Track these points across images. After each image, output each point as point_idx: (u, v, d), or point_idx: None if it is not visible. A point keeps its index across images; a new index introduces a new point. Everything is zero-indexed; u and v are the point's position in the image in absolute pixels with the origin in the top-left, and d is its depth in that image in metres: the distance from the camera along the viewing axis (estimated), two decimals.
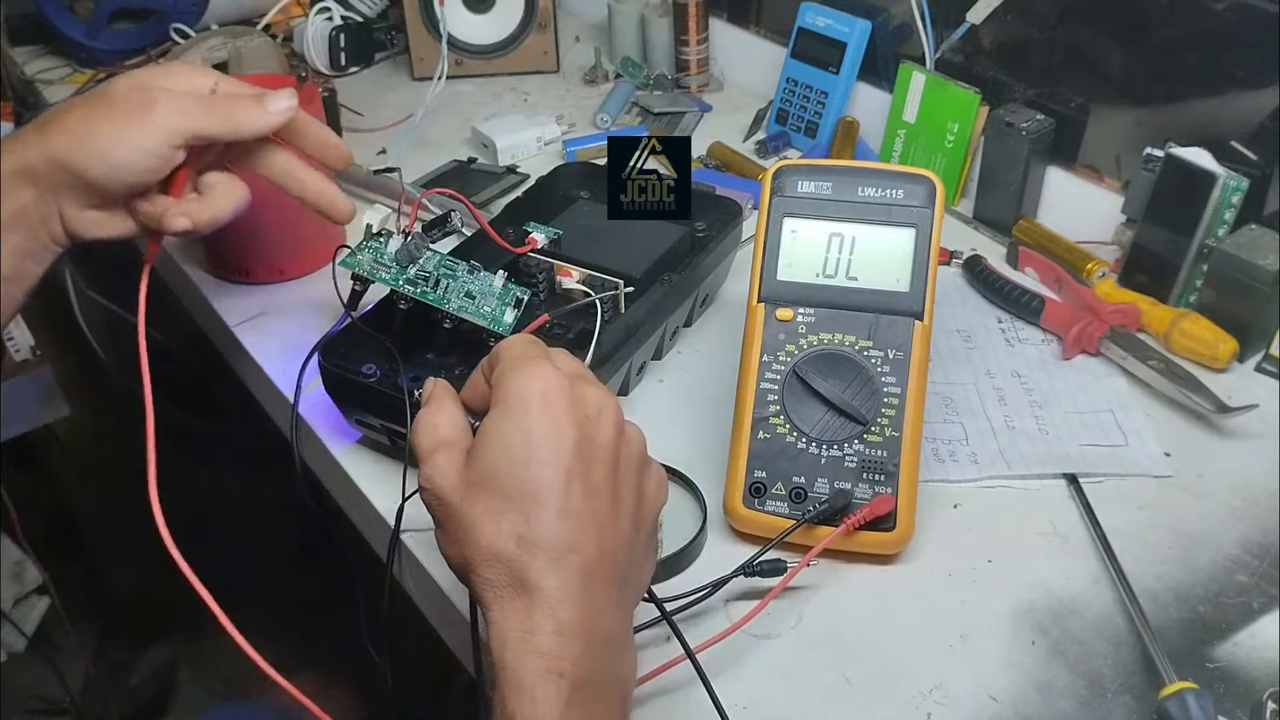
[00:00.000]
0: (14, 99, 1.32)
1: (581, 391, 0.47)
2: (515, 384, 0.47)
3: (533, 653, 0.43)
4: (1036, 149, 0.92)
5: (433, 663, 0.96)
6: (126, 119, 0.60)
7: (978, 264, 0.90)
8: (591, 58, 1.30)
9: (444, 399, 0.51)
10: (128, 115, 0.60)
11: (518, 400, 0.46)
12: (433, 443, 0.48)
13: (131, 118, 0.60)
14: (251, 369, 0.85)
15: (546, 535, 0.44)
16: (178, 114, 0.61)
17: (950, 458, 0.72)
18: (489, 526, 0.45)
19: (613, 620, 0.46)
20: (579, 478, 0.45)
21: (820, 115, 1.10)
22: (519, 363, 0.48)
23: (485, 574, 0.45)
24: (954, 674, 0.58)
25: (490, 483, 0.45)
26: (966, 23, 0.98)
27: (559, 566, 0.44)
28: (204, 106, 0.62)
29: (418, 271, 0.70)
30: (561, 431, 0.46)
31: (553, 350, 0.50)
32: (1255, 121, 0.81)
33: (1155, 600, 0.62)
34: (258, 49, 1.16)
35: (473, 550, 0.45)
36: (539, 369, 0.47)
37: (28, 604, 1.48)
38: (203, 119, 0.61)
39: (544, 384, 0.46)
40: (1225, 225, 0.80)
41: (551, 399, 0.46)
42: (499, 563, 0.44)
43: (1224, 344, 0.79)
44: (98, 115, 0.60)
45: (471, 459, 0.46)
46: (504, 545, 0.44)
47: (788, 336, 0.66)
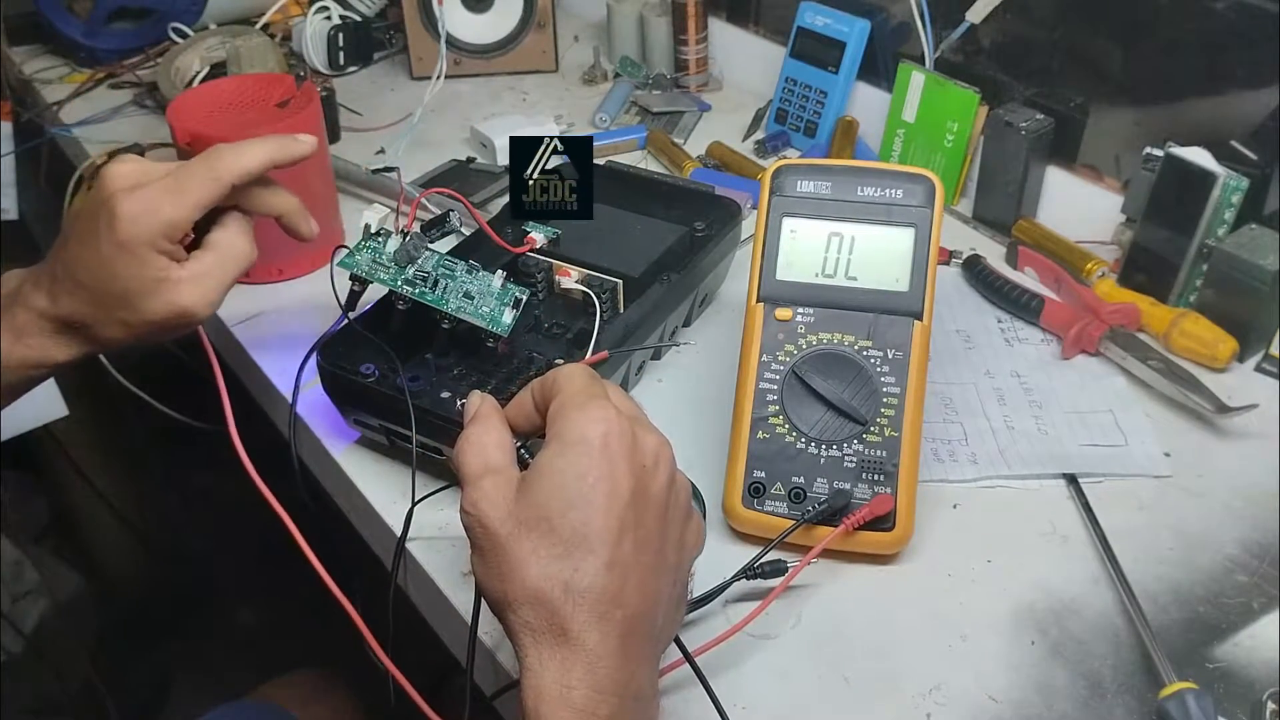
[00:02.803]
0: (12, 98, 1.32)
1: (641, 438, 0.47)
2: (576, 422, 0.46)
3: (567, 707, 0.42)
4: (1036, 148, 0.92)
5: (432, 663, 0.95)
6: (127, 277, 0.61)
7: (977, 264, 0.90)
8: (590, 57, 1.30)
9: (492, 418, 0.50)
10: (127, 274, 0.61)
11: (578, 440, 0.45)
12: (480, 466, 0.47)
13: (128, 270, 0.61)
14: (250, 369, 0.85)
15: (594, 586, 0.44)
16: (150, 226, 0.61)
17: (950, 458, 0.72)
18: (535, 568, 0.44)
19: (644, 675, 0.46)
20: (631, 529, 0.45)
21: (819, 115, 1.10)
22: (580, 400, 0.47)
23: (525, 615, 0.44)
24: (953, 674, 0.58)
25: (542, 523, 0.44)
26: (966, 22, 0.98)
27: (602, 621, 0.44)
28: (164, 197, 0.61)
29: (416, 271, 0.70)
30: (619, 480, 0.45)
31: (607, 383, 0.49)
32: (1255, 121, 0.81)
33: (1155, 600, 0.62)
34: (256, 48, 1.16)
35: (515, 588, 0.44)
36: (601, 410, 0.46)
37: (25, 605, 1.48)
38: (172, 209, 0.61)
39: (606, 427, 0.46)
40: (1225, 225, 0.80)
41: (612, 444, 0.45)
42: (541, 607, 0.44)
43: (1224, 344, 0.79)
44: (100, 279, 0.61)
45: (523, 493, 0.46)
46: (549, 590, 0.44)
47: (787, 336, 0.66)
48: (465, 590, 0.64)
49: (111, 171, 0.62)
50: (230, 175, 0.63)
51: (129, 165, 0.63)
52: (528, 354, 0.73)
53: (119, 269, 0.61)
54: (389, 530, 0.69)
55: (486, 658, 0.61)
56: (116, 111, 1.23)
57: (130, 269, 0.61)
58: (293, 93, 0.92)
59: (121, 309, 0.62)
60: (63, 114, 1.23)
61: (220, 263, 0.64)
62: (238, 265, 0.65)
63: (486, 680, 0.63)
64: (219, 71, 1.16)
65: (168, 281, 0.62)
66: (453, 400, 0.68)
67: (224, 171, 0.63)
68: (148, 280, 0.61)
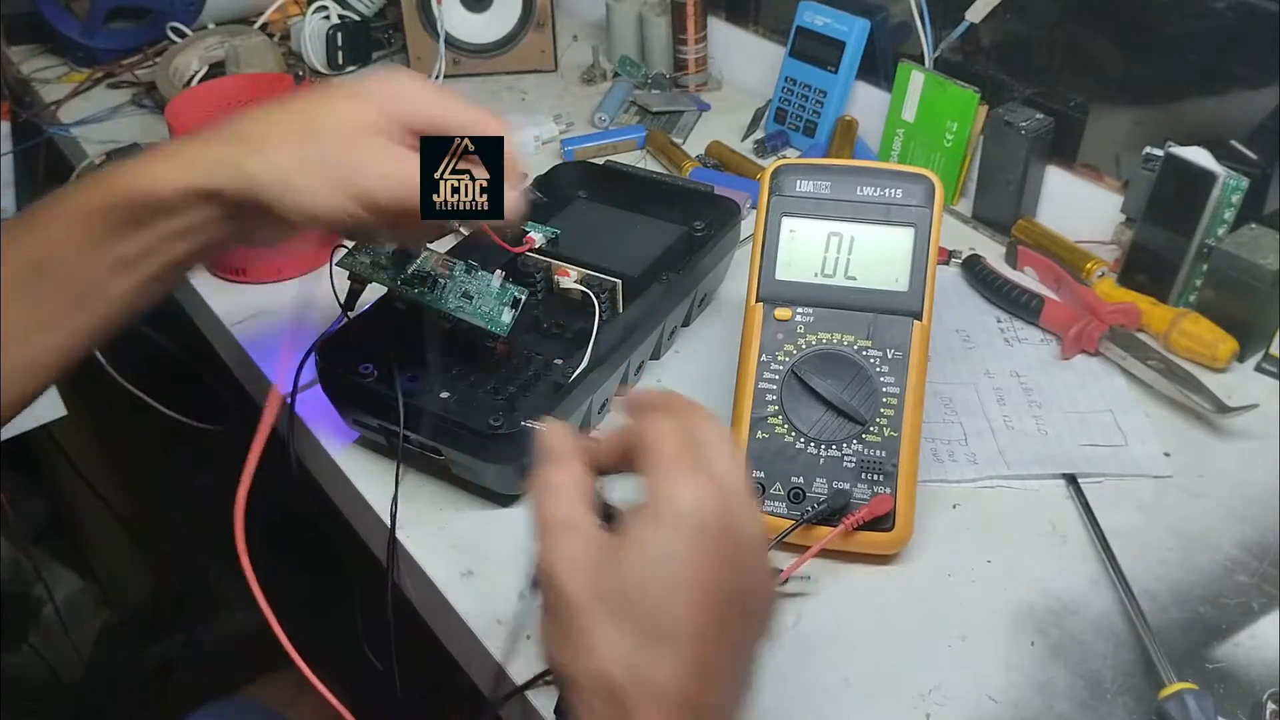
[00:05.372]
0: (10, 98, 1.32)
1: (740, 520, 0.42)
2: (675, 496, 0.41)
3: None
4: (1036, 148, 0.92)
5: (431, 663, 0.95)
6: (331, 176, 0.54)
7: (977, 263, 0.89)
8: (589, 57, 1.30)
9: (572, 460, 0.45)
10: (333, 173, 0.54)
11: (674, 518, 0.41)
12: (559, 517, 0.43)
13: (337, 177, 0.54)
14: (248, 368, 0.85)
15: (668, 685, 0.40)
16: (385, 191, 0.55)
17: (949, 458, 0.72)
18: (608, 649, 0.40)
19: None
20: (717, 627, 0.41)
21: (819, 114, 1.10)
22: (681, 468, 0.42)
23: (588, 699, 0.40)
24: (953, 674, 0.58)
25: (623, 604, 0.40)
26: (966, 21, 0.97)
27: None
28: (415, 186, 0.55)
29: (415, 271, 0.70)
30: (714, 569, 0.41)
31: (710, 443, 0.44)
32: (1255, 121, 0.81)
33: (1155, 601, 0.62)
34: (254, 48, 1.16)
35: (584, 669, 0.41)
36: (704, 486, 0.42)
37: (25, 604, 1.48)
38: (411, 196, 0.55)
39: (706, 506, 0.41)
40: (1225, 225, 0.80)
41: (711, 528, 0.41)
42: (611, 698, 0.40)
43: (1224, 344, 0.78)
44: (303, 157, 0.54)
45: (607, 562, 0.41)
46: (620, 679, 0.40)
47: (786, 336, 0.66)
48: (464, 590, 0.64)
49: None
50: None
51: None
52: (527, 354, 0.72)
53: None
54: (387, 530, 0.69)
55: (488, 659, 0.61)
56: (115, 111, 1.23)
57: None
58: (291, 92, 0.92)
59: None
60: (61, 113, 1.23)
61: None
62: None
63: (487, 682, 0.63)
64: (218, 71, 1.16)
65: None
66: (451, 400, 0.68)
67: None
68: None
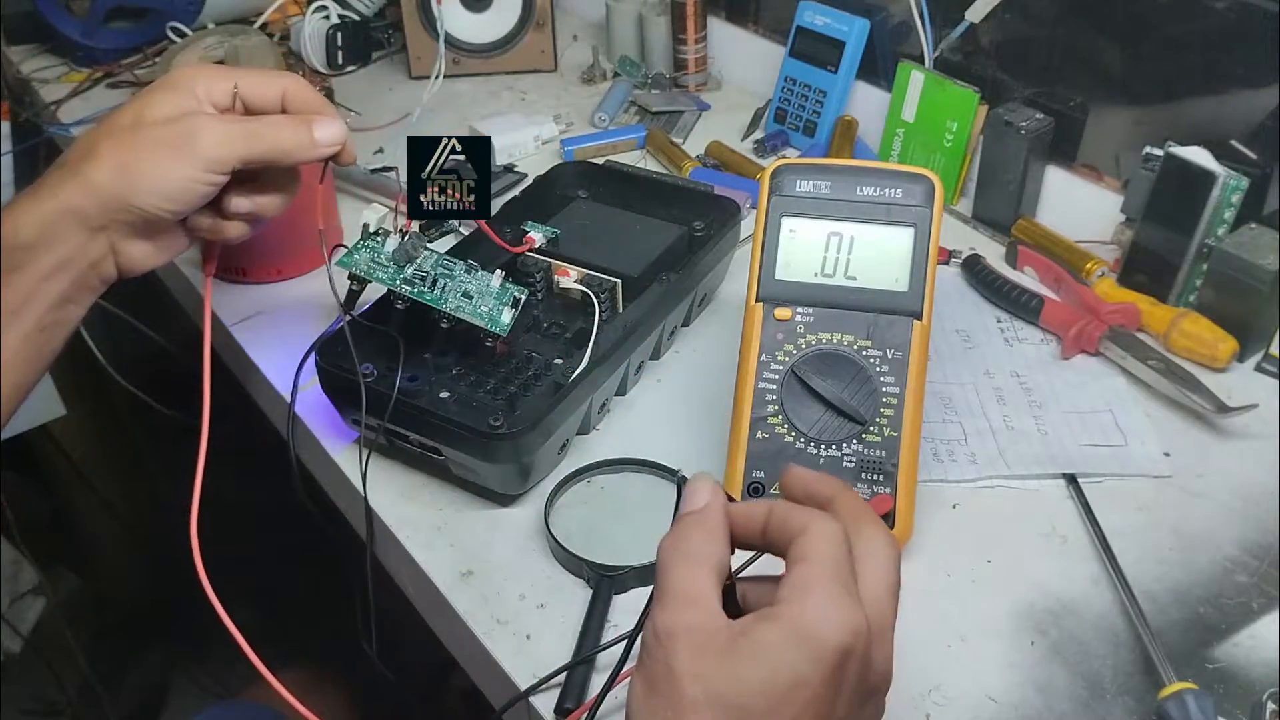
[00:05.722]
0: (10, 98, 1.32)
1: (876, 661, 0.40)
2: (822, 617, 0.39)
3: None
4: (1035, 148, 0.92)
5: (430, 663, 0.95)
6: (171, 152, 0.58)
7: (977, 263, 0.89)
8: (589, 56, 1.30)
9: (718, 526, 0.43)
10: (171, 149, 0.58)
11: (814, 640, 0.38)
12: (688, 588, 0.41)
13: (176, 151, 0.58)
14: (248, 368, 0.85)
15: None
16: (223, 145, 0.59)
17: (949, 458, 0.72)
18: None
19: None
20: None
21: (819, 114, 1.10)
22: (836, 588, 0.40)
23: None
24: (953, 675, 0.58)
25: (733, 709, 0.38)
26: (965, 21, 0.97)
27: None
28: (248, 135, 0.60)
29: (415, 271, 0.70)
30: (836, 707, 0.39)
31: (873, 556, 0.42)
32: (1255, 121, 0.81)
33: (1155, 601, 0.62)
34: (254, 48, 1.16)
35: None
36: (855, 615, 0.39)
37: (24, 605, 1.48)
38: (247, 148, 0.59)
39: (849, 641, 0.39)
40: (1225, 224, 0.80)
41: (849, 666, 0.39)
42: None
43: (1224, 344, 0.78)
44: (138, 149, 0.58)
45: (727, 657, 0.39)
46: None
47: (786, 336, 0.66)
48: (463, 590, 0.64)
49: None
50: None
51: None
52: (526, 354, 0.72)
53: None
54: (387, 530, 0.69)
55: (488, 659, 0.61)
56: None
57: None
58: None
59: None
60: (61, 113, 1.23)
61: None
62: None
63: (487, 682, 0.63)
64: None
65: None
66: (451, 400, 0.68)
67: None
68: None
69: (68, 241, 0.57)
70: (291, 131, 0.61)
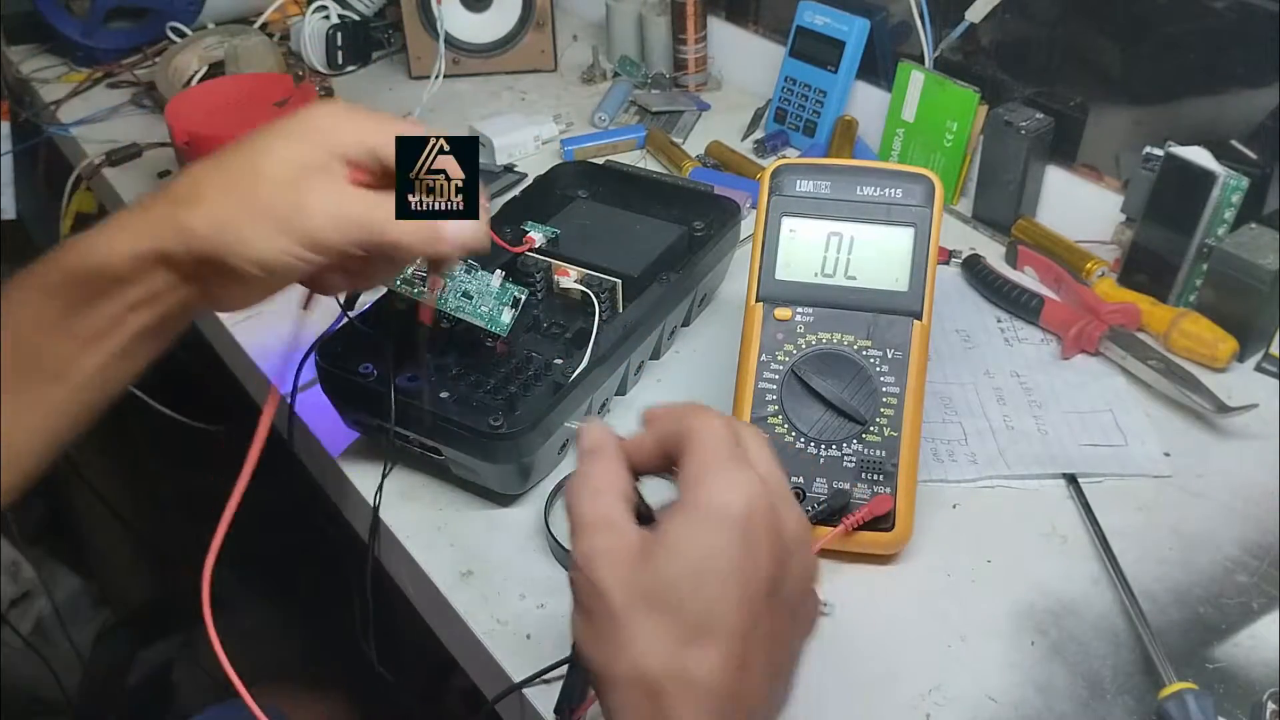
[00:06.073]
0: (10, 98, 1.32)
1: (783, 516, 0.42)
2: (717, 491, 0.41)
3: None
4: (1036, 148, 0.92)
5: (429, 663, 0.95)
6: (275, 222, 0.51)
7: (977, 263, 0.89)
8: (589, 56, 1.30)
9: (612, 459, 0.45)
10: (276, 218, 0.51)
11: (718, 512, 0.41)
12: (597, 516, 0.42)
13: (281, 222, 0.51)
14: (248, 369, 0.85)
15: (714, 683, 0.39)
16: (331, 229, 0.52)
17: (949, 457, 0.72)
18: (649, 647, 0.39)
19: None
20: (763, 622, 0.41)
21: (819, 114, 1.10)
22: (723, 465, 0.42)
23: (632, 699, 0.40)
24: (953, 674, 0.58)
25: (665, 600, 0.40)
26: (965, 21, 0.97)
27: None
28: (363, 226, 0.52)
29: (415, 271, 0.70)
30: (758, 565, 0.40)
31: (751, 443, 0.44)
32: (1255, 120, 0.81)
33: (1155, 601, 0.62)
34: (254, 48, 1.16)
35: (622, 667, 0.40)
36: (746, 481, 0.41)
37: (24, 604, 1.48)
38: (360, 237, 0.52)
39: (750, 502, 0.41)
40: (1225, 224, 0.80)
41: (756, 522, 0.41)
42: (649, 694, 0.39)
43: (1224, 344, 0.78)
44: (242, 207, 0.52)
45: (646, 560, 0.40)
46: (660, 677, 0.39)
47: (786, 336, 0.66)
48: (463, 590, 0.64)
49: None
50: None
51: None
52: (526, 354, 0.72)
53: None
54: (388, 530, 0.69)
55: (488, 659, 0.61)
56: (114, 111, 1.23)
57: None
58: (291, 92, 0.92)
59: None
60: (60, 113, 1.23)
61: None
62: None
63: (487, 682, 0.63)
64: (217, 71, 1.16)
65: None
66: (451, 400, 0.68)
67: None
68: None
69: (158, 280, 0.53)
70: (415, 227, 0.53)
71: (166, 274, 0.53)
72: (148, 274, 0.53)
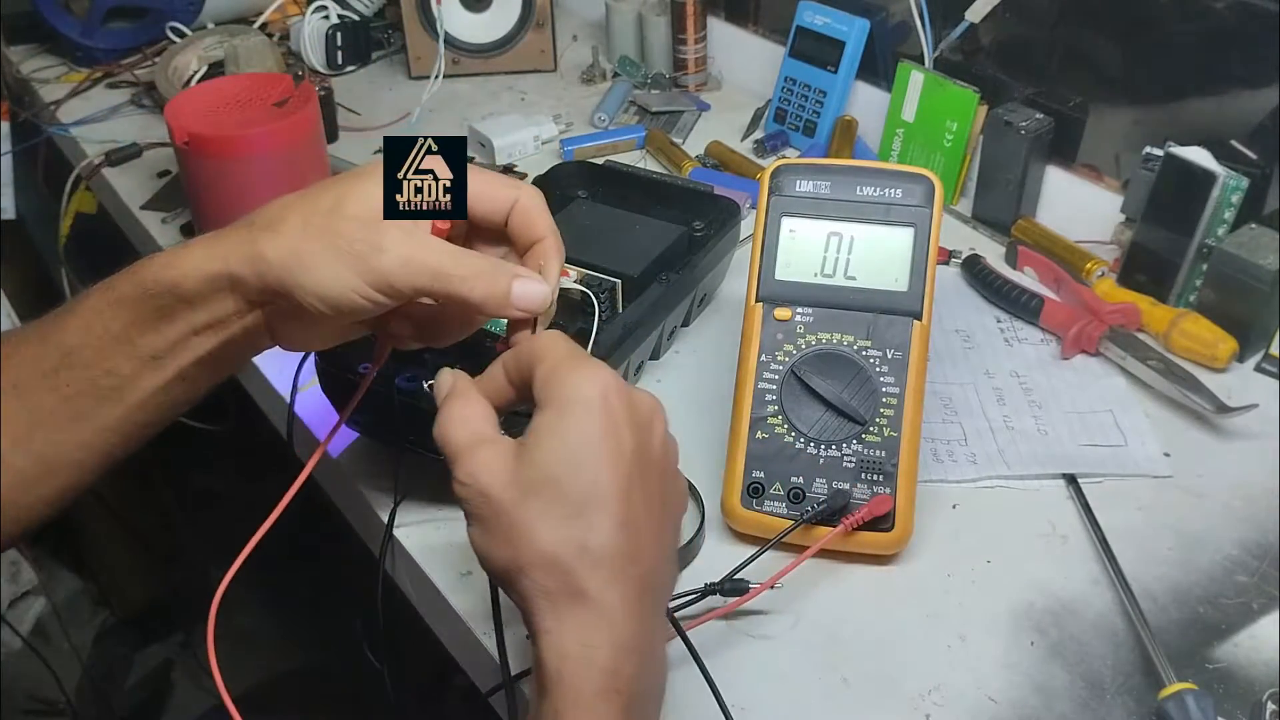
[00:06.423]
0: (9, 97, 1.32)
1: (635, 396, 0.46)
2: (572, 384, 0.45)
3: (592, 667, 0.42)
4: (1035, 148, 0.92)
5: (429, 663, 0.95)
6: (349, 259, 0.51)
7: (976, 263, 0.89)
8: (589, 57, 1.30)
9: (470, 392, 0.49)
10: (351, 255, 0.51)
11: (577, 401, 0.44)
12: (470, 437, 0.46)
13: (355, 259, 0.51)
14: (248, 369, 0.85)
15: (608, 545, 0.43)
16: (402, 272, 0.51)
17: (949, 458, 0.72)
18: (547, 532, 0.43)
19: (659, 631, 0.46)
20: (638, 485, 0.44)
21: (819, 114, 1.10)
22: (572, 362, 0.46)
23: (540, 580, 0.43)
24: (952, 675, 0.58)
25: (549, 485, 0.43)
26: (965, 21, 0.97)
27: (620, 580, 0.43)
28: (434, 274, 0.52)
29: None
30: (623, 437, 0.44)
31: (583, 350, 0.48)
32: (1255, 120, 0.81)
33: (1154, 601, 0.62)
34: (254, 48, 1.16)
35: (526, 555, 0.43)
36: (595, 370, 0.45)
37: (23, 605, 1.48)
38: (428, 284, 0.52)
39: (603, 386, 0.45)
40: (1225, 224, 0.80)
41: (612, 401, 0.45)
42: (556, 569, 0.43)
43: (1224, 344, 0.78)
44: (320, 241, 0.51)
45: (524, 458, 0.44)
46: (564, 553, 0.43)
47: (786, 336, 0.66)
48: (463, 591, 0.64)
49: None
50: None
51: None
52: None
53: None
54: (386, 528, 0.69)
55: (488, 659, 0.61)
56: (114, 111, 1.23)
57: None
58: (290, 92, 0.92)
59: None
60: (60, 113, 1.23)
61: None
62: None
63: (486, 681, 0.63)
64: (217, 71, 1.16)
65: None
66: None
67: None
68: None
69: (225, 306, 0.53)
70: (486, 285, 0.52)
71: (234, 300, 0.53)
72: (216, 297, 0.53)
